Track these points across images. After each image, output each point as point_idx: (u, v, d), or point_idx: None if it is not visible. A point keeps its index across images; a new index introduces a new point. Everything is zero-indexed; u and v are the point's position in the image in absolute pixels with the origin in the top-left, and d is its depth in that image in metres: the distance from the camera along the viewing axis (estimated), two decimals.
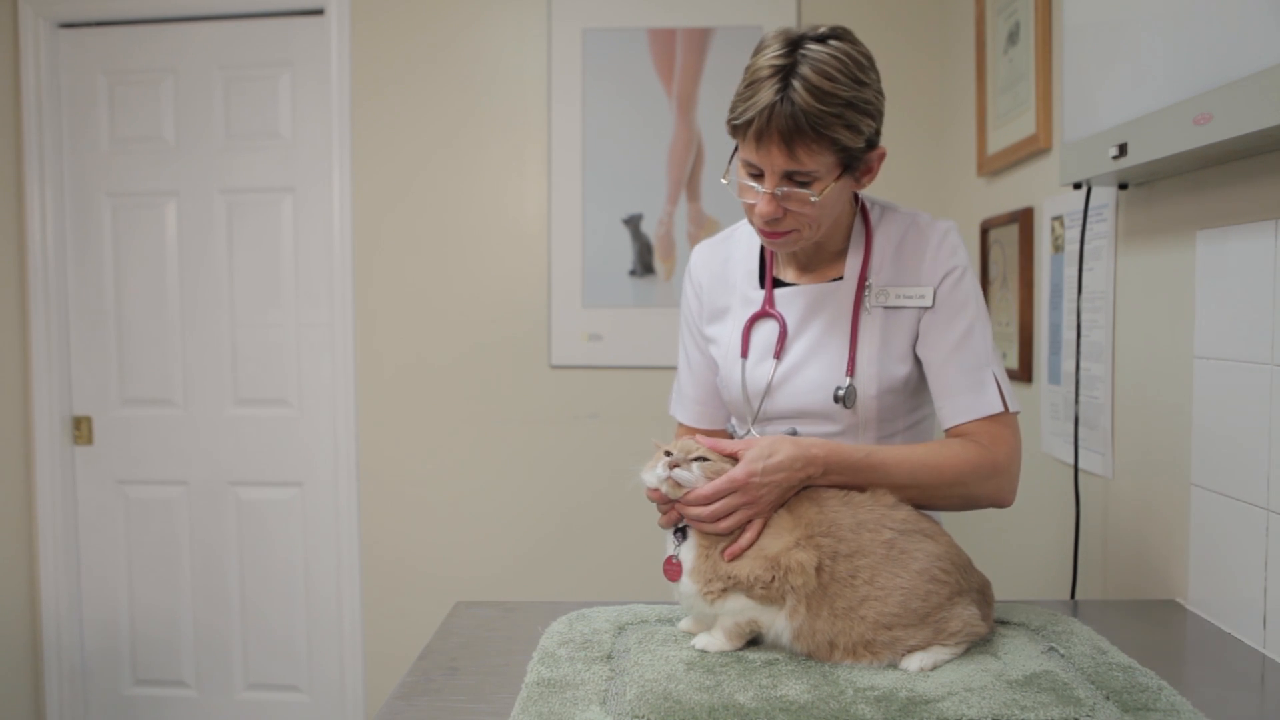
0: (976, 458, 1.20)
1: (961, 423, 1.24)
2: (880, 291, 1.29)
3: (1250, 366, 1.19)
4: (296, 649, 2.87)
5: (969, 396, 1.24)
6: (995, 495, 1.22)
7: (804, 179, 1.19)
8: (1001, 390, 1.24)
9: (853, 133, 1.17)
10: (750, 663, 1.08)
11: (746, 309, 1.36)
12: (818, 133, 1.14)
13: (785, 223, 1.23)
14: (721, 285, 1.40)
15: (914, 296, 1.28)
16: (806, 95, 1.12)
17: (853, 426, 1.30)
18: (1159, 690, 0.99)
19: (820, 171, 1.18)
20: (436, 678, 1.10)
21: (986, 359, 1.25)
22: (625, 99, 2.70)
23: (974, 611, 1.09)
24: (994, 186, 2.23)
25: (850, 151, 1.18)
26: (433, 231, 2.76)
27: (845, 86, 1.15)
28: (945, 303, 1.27)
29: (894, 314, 1.29)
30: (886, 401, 1.29)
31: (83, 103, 2.83)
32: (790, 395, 1.31)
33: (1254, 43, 1.06)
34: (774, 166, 1.18)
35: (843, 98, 1.14)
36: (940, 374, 1.26)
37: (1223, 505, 1.25)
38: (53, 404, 2.83)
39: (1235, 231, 1.23)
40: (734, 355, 1.35)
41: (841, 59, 1.15)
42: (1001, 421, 1.24)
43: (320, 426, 2.83)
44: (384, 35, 2.73)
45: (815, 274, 1.34)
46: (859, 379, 1.28)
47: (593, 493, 2.74)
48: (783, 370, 1.31)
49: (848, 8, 2.65)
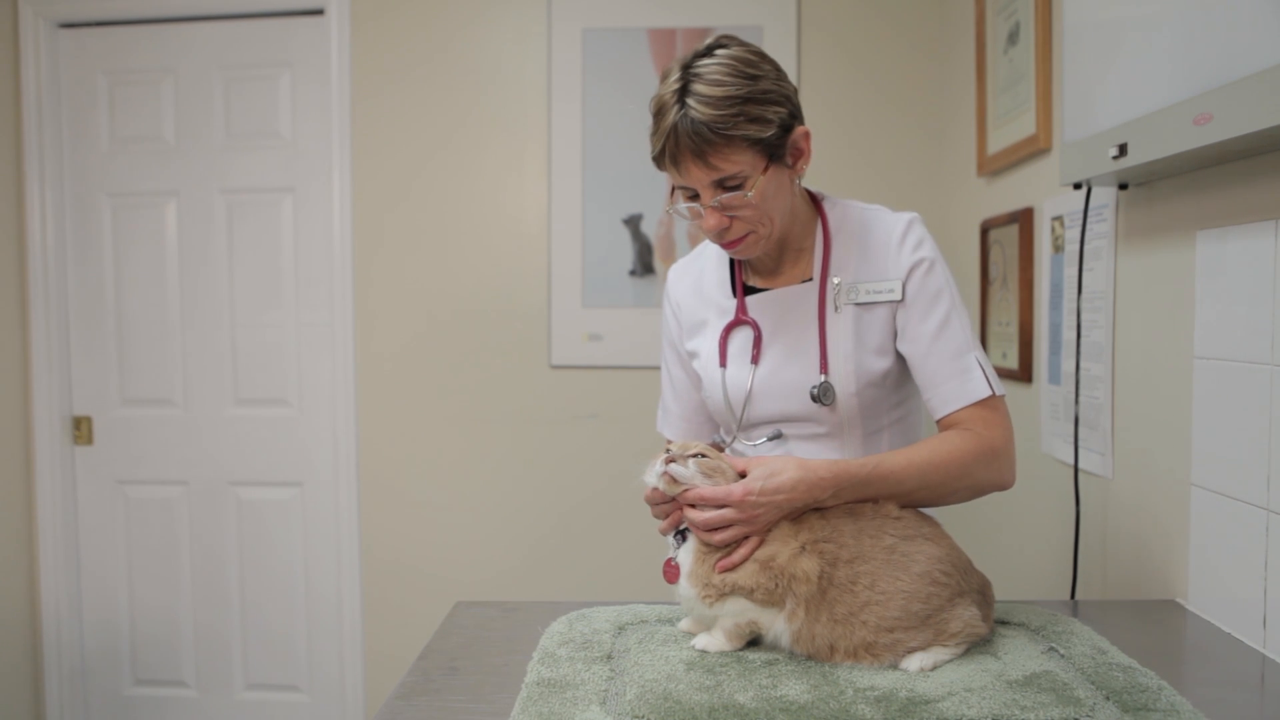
0: (975, 446, 1.22)
1: (952, 411, 1.25)
2: (850, 288, 1.30)
3: (1250, 366, 1.19)
4: (296, 649, 2.87)
5: (955, 383, 1.25)
6: (998, 479, 1.24)
7: (733, 183, 1.21)
8: (986, 375, 1.26)
9: (759, 125, 1.19)
10: (750, 663, 1.08)
11: (722, 319, 1.37)
12: (723, 136, 1.17)
13: (735, 229, 1.25)
14: (697, 299, 1.42)
15: (883, 291, 1.29)
16: (702, 107, 1.16)
17: (836, 426, 1.31)
18: (1159, 690, 0.99)
19: (745, 170, 1.20)
20: (436, 678, 1.10)
21: (967, 345, 1.27)
22: (625, 99, 2.70)
23: (974, 612, 1.10)
24: (994, 186, 2.23)
25: (765, 142, 1.20)
26: (433, 231, 2.76)
27: (736, 86, 1.17)
28: (918, 295, 1.28)
29: (866, 310, 1.30)
30: (867, 397, 1.30)
31: (83, 103, 2.83)
32: (771, 399, 1.32)
33: (1254, 43, 1.06)
34: (700, 181, 1.21)
35: (737, 96, 1.17)
36: (924, 366, 1.28)
37: (1223, 505, 1.25)
38: (53, 404, 2.83)
39: (1235, 231, 1.23)
40: (714, 365, 1.36)
41: (727, 63, 1.19)
42: (990, 405, 1.25)
43: (320, 426, 2.83)
44: (384, 35, 2.73)
45: (784, 277, 1.36)
46: (834, 376, 1.29)
47: (593, 493, 2.74)
48: (761, 375, 1.32)
49: (847, 8, 2.65)
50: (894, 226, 1.31)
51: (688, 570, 1.13)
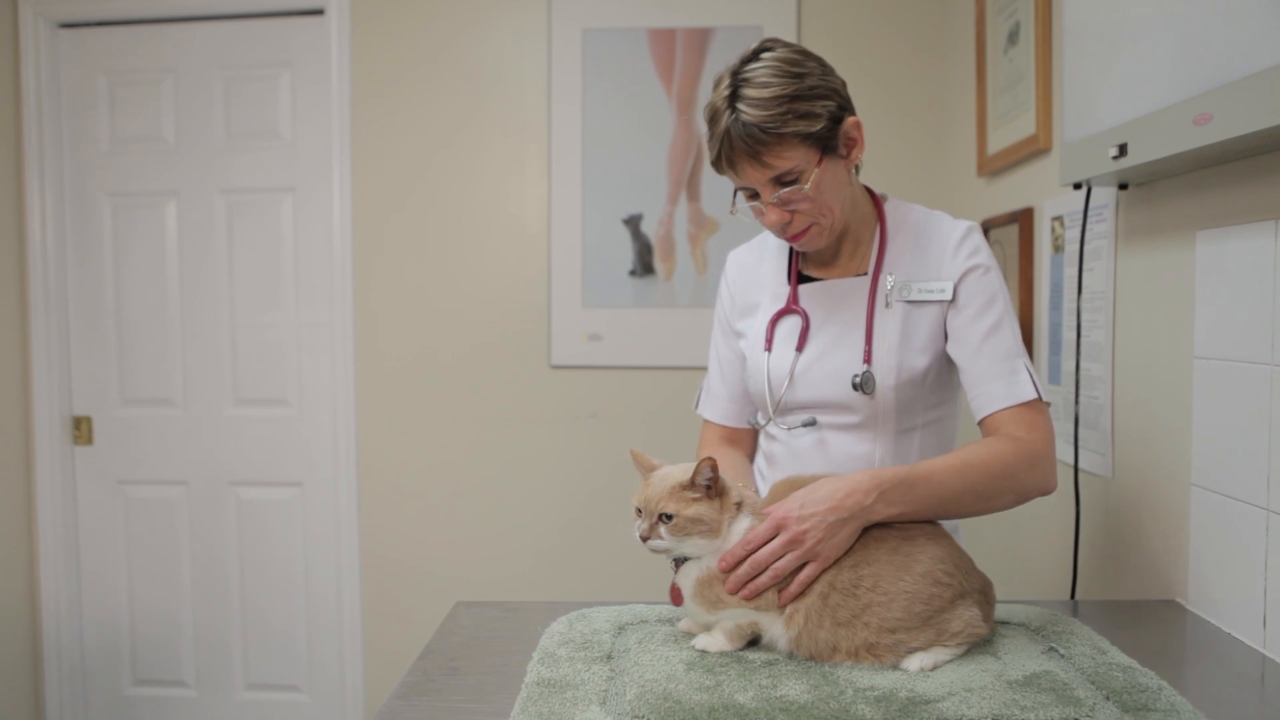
0: (1017, 448, 1.21)
1: (996, 410, 1.26)
2: (902, 286, 1.33)
3: (1250, 366, 1.19)
4: (296, 649, 2.87)
5: (1001, 383, 1.26)
6: (1042, 483, 1.23)
7: (790, 178, 1.25)
8: (1033, 379, 1.26)
9: (808, 120, 1.22)
10: (750, 663, 1.08)
11: (774, 305, 1.41)
12: (774, 135, 1.21)
13: (797, 223, 1.29)
14: (753, 283, 1.46)
15: (934, 290, 1.32)
16: (752, 109, 1.21)
17: (871, 417, 1.33)
18: (1159, 690, 0.99)
19: (799, 165, 1.24)
20: (436, 678, 1.10)
21: (1017, 351, 1.28)
22: (625, 99, 2.70)
23: (976, 613, 1.10)
24: (994, 186, 2.23)
25: (816, 136, 1.23)
26: (433, 231, 2.76)
27: (782, 85, 1.22)
28: (972, 298, 1.30)
29: (916, 308, 1.33)
30: (905, 394, 1.32)
31: (83, 103, 2.83)
32: (810, 385, 1.35)
33: (1254, 43, 1.05)
34: (758, 180, 1.26)
35: (784, 95, 1.21)
36: (972, 365, 1.29)
37: (1223, 505, 1.25)
38: (53, 404, 2.83)
39: (1235, 231, 1.23)
40: (759, 349, 1.40)
41: (772, 65, 1.23)
42: (1035, 408, 1.25)
43: (320, 426, 2.83)
44: (384, 35, 2.73)
45: (839, 269, 1.39)
46: (877, 369, 1.31)
47: (592, 492, 2.74)
48: (804, 361, 1.35)
49: (847, 8, 2.65)
50: (952, 231, 1.34)
51: (690, 592, 1.13)
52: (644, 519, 1.09)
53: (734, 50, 1.31)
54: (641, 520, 1.10)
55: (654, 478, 1.12)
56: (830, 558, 1.09)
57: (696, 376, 2.73)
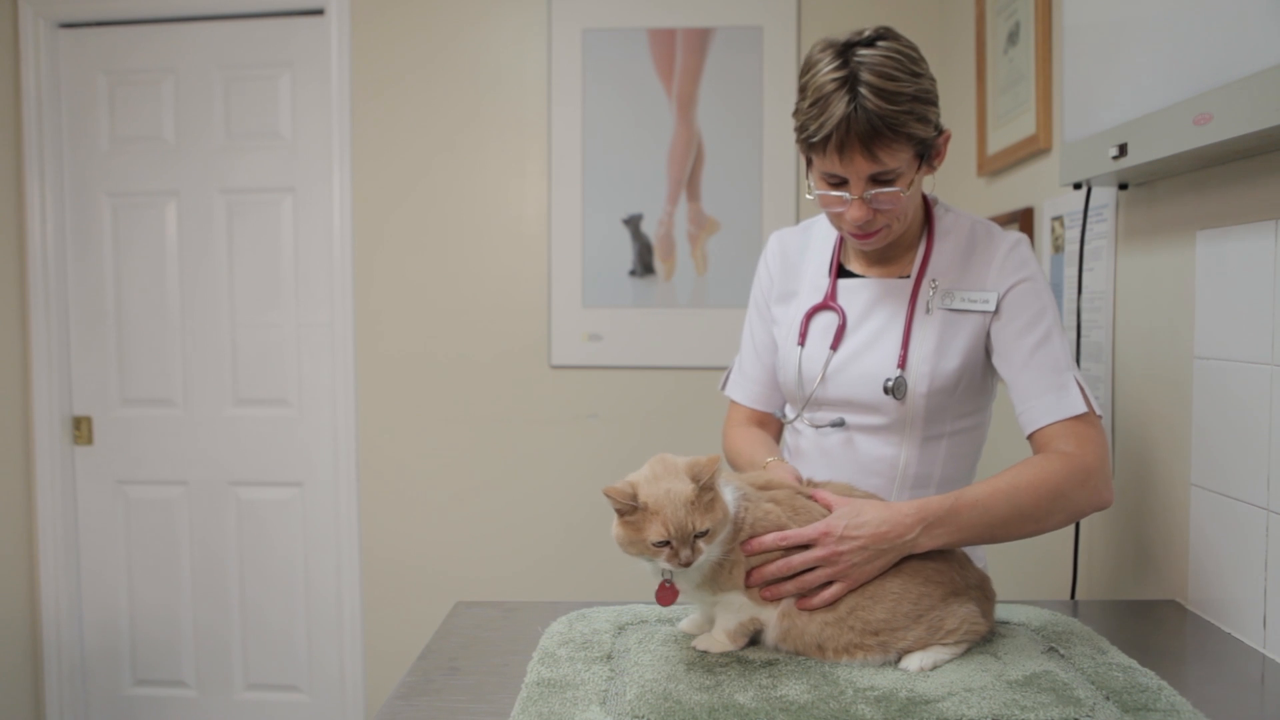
0: (1064, 466, 1.16)
1: (1046, 424, 1.21)
2: (945, 293, 1.30)
3: (1250, 366, 1.19)
4: (296, 649, 2.87)
5: (1051, 397, 1.22)
6: (1095, 499, 1.18)
7: (888, 177, 1.21)
8: (1085, 393, 1.22)
9: (924, 124, 1.20)
10: (750, 663, 1.08)
11: (812, 296, 1.39)
12: (895, 132, 1.17)
13: (876, 222, 1.26)
14: (794, 270, 1.43)
15: (977, 301, 1.28)
16: (876, 99, 1.16)
17: (898, 422, 1.31)
18: (1159, 690, 0.99)
19: (902, 167, 1.21)
20: (436, 678, 1.10)
21: (1067, 364, 1.24)
22: (625, 99, 2.70)
23: (972, 609, 1.09)
24: (994, 186, 2.23)
25: (925, 141, 1.21)
26: (433, 231, 2.76)
27: (907, 82, 1.18)
28: (1019, 311, 1.27)
29: (956, 316, 1.30)
30: (935, 402, 1.30)
31: (83, 103, 2.83)
32: (842, 384, 1.33)
33: (1254, 43, 1.05)
34: (859, 172, 1.21)
35: (908, 93, 1.18)
36: (1019, 379, 1.25)
37: (1223, 505, 1.25)
38: (53, 404, 2.83)
39: (1235, 231, 1.23)
40: (792, 341, 1.38)
41: (895, 57, 1.18)
42: (1087, 422, 1.20)
43: (320, 426, 2.83)
44: (384, 35, 2.73)
45: (883, 268, 1.36)
46: (910, 374, 1.29)
47: (593, 492, 2.74)
48: (838, 360, 1.33)
49: (847, 8, 2.65)
50: (1001, 242, 1.31)
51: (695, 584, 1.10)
52: (681, 546, 1.02)
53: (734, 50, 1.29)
54: (679, 549, 1.02)
55: (659, 504, 1.03)
56: (858, 581, 1.08)
57: (697, 376, 2.75)
